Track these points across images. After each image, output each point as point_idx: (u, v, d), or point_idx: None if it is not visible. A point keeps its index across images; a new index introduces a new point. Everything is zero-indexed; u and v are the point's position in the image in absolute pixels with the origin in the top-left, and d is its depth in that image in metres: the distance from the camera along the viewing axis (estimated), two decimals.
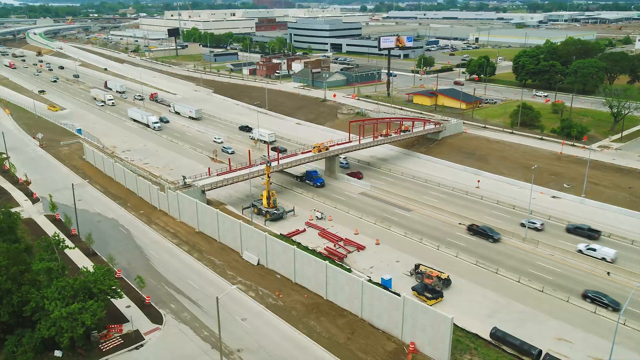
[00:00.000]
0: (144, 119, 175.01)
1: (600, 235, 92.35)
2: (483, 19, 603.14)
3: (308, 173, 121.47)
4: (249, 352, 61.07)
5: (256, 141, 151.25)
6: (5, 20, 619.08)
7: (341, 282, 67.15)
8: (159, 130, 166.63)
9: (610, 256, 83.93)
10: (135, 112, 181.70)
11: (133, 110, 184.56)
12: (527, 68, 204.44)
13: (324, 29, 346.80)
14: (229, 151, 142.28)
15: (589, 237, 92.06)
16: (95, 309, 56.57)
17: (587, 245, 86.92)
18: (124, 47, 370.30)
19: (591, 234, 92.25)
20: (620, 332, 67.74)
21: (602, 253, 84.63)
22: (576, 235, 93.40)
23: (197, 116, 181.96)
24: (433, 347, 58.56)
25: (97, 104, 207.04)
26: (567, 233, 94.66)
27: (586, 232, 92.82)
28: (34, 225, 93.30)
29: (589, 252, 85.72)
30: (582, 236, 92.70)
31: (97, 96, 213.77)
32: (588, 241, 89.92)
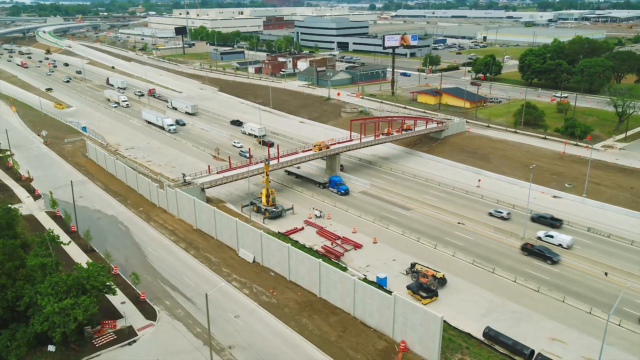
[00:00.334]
0: (158, 121, 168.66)
1: (562, 224, 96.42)
2: (492, 17, 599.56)
3: (332, 179, 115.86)
4: (240, 349, 61.40)
5: (259, 139, 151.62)
6: (17, 19, 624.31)
7: (334, 280, 67.30)
8: (174, 133, 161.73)
9: (566, 242, 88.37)
10: (150, 114, 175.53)
11: (147, 112, 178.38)
12: (533, 67, 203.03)
13: (330, 27, 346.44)
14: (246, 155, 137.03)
15: (552, 225, 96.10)
16: (87, 304, 57.13)
17: (546, 233, 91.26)
18: (131, 46, 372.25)
19: (553, 222, 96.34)
20: (615, 332, 67.63)
21: (559, 240, 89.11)
22: (540, 224, 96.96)
23: (193, 111, 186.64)
24: (423, 345, 58.56)
25: (111, 105, 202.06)
26: (532, 222, 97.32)
27: (549, 221, 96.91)
28: (35, 222, 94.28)
29: (547, 238, 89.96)
30: (545, 225, 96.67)
31: (111, 97, 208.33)
32: (551, 229, 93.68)
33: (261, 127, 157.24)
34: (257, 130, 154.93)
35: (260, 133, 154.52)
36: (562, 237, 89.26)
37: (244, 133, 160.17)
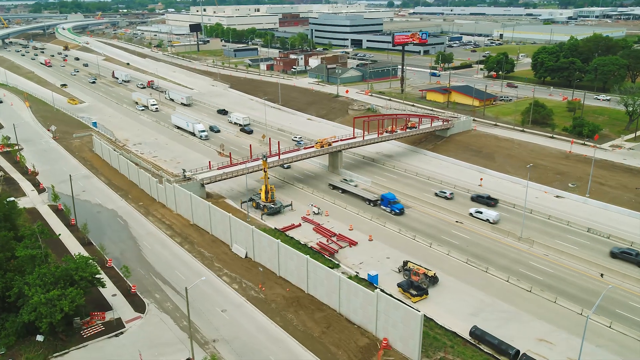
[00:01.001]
0: (189, 126, 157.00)
1: (497, 203, 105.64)
2: (511, 14, 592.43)
3: (384, 197, 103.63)
4: (223, 343, 62.07)
5: (264, 136, 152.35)
6: (38, 16, 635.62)
7: (320, 276, 67.59)
8: (205, 139, 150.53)
9: (492, 218, 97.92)
10: (180, 118, 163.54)
11: (177, 116, 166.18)
12: (546, 65, 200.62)
13: (344, 24, 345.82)
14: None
15: (487, 204, 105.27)
16: (74, 295, 58.26)
17: (476, 209, 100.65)
18: (147, 43, 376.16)
19: (489, 201, 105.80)
20: (605, 334, 66.90)
21: (486, 215, 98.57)
22: (478, 203, 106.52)
23: (188, 102, 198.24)
24: (404, 343, 58.54)
25: (138, 108, 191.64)
26: (471, 201, 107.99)
27: (485, 200, 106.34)
28: (37, 215, 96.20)
29: (477, 214, 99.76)
30: (482, 203, 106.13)
31: (140, 100, 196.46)
32: (487, 208, 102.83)
33: (245, 116, 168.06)
34: (242, 120, 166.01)
35: (245, 122, 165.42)
36: (489, 213, 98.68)
37: (230, 122, 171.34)
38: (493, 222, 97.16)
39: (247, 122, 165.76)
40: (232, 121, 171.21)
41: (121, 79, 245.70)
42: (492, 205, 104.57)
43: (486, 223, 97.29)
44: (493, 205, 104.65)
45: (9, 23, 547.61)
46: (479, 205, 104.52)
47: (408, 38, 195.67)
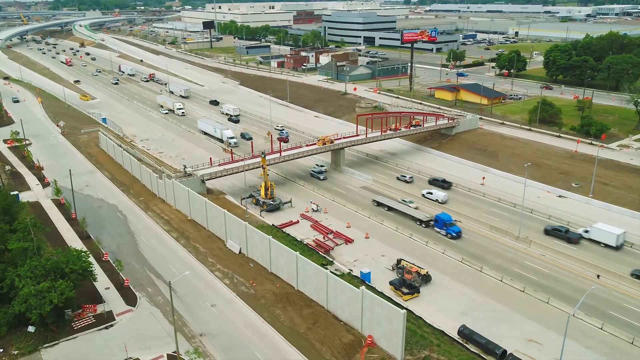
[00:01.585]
0: (217, 132, 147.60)
1: (451, 186, 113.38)
2: (529, 12, 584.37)
3: (439, 218, 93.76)
4: (210, 337, 62.75)
5: (269, 133, 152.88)
6: (57, 13, 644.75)
7: (309, 273, 67.87)
8: (235, 147, 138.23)
9: (441, 198, 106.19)
10: (207, 124, 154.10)
11: (203, 121, 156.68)
12: (558, 63, 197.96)
13: (357, 22, 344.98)
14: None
15: (442, 187, 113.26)
16: (63, 288, 59.38)
17: (428, 191, 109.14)
18: (162, 39, 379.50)
19: (444, 184, 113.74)
20: (595, 336, 66.22)
21: (435, 196, 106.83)
22: (434, 186, 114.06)
23: (186, 95, 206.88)
24: (388, 340, 58.59)
25: (161, 112, 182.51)
26: (428, 184, 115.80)
27: (440, 183, 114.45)
28: (39, 208, 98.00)
29: (428, 195, 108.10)
30: (437, 186, 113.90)
31: (165, 104, 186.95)
32: (440, 190, 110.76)
33: (235, 107, 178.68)
34: (232, 111, 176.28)
35: (235, 113, 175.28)
36: (438, 194, 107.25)
37: (222, 113, 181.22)
38: (442, 202, 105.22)
39: (237, 113, 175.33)
40: (223, 112, 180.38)
41: (127, 73, 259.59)
42: (446, 188, 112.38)
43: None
44: (447, 188, 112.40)
45: (29, 20, 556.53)
46: (435, 188, 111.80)
47: (417, 35, 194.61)
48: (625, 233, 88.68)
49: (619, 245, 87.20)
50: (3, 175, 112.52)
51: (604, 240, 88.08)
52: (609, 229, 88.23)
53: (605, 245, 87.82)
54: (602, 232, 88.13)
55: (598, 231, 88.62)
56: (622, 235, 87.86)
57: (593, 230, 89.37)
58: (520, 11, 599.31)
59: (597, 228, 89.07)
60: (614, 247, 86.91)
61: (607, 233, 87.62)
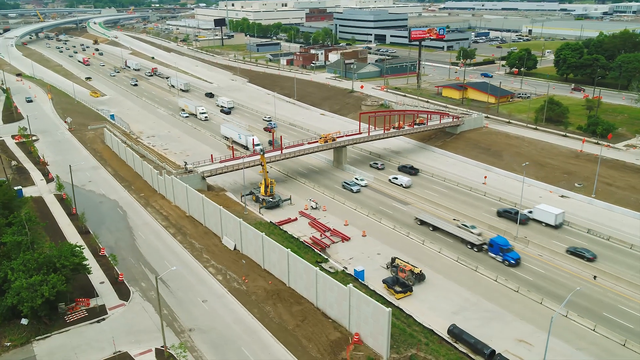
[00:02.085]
0: (241, 139, 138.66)
1: (417, 172, 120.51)
2: (544, 10, 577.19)
3: (494, 242, 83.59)
4: (199, 332, 63.31)
5: (273, 130, 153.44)
6: (74, 10, 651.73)
7: (300, 270, 68.09)
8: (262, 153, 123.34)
9: (404, 183, 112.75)
10: (230, 129, 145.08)
11: (227, 127, 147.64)
12: (569, 62, 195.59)
13: (368, 19, 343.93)
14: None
15: (410, 173, 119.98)
16: (55, 282, 60.30)
17: (394, 176, 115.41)
18: (174, 37, 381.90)
19: (411, 171, 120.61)
20: (587, 337, 65.70)
21: (400, 181, 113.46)
22: (402, 172, 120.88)
23: (186, 88, 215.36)
24: (374, 338, 58.64)
25: (182, 115, 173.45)
26: (397, 170, 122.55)
27: (408, 169, 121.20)
28: (41, 203, 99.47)
29: (394, 180, 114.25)
30: (406, 172, 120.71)
31: (186, 107, 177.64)
32: (406, 175, 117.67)
33: (229, 100, 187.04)
34: (226, 103, 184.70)
35: (229, 105, 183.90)
36: (403, 179, 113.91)
37: (217, 105, 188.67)
38: (405, 187, 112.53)
39: (230, 106, 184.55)
40: (218, 104, 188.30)
41: (132, 68, 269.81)
42: (413, 174, 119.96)
43: (485, 222, 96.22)
44: (414, 174, 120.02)
45: (45, 17, 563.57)
46: (401, 174, 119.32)
47: (425, 33, 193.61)
48: (564, 213, 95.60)
49: (558, 225, 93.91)
50: (9, 170, 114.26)
51: (544, 219, 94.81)
52: (549, 209, 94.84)
53: (546, 224, 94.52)
54: (543, 213, 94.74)
55: (540, 212, 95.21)
56: (561, 215, 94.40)
57: (535, 211, 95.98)
58: (535, 9, 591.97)
59: (539, 209, 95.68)
60: (553, 226, 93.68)
61: (547, 213, 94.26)
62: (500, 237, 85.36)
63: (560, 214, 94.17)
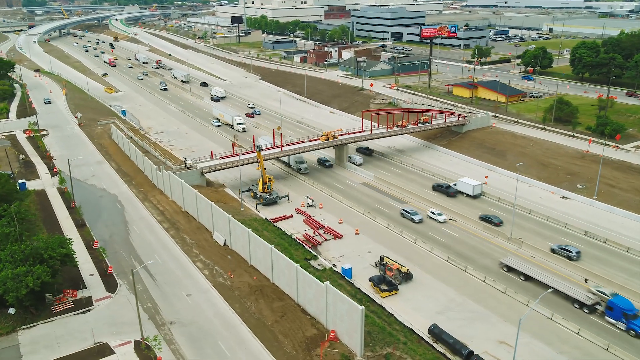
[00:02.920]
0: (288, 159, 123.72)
1: (372, 153, 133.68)
2: (569, 7, 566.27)
3: (614, 305, 66.72)
4: (179, 325, 64.22)
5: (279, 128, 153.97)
6: (98, 7, 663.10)
7: (282, 266, 68.50)
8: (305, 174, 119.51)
9: (357, 161, 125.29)
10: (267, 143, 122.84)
11: (264, 139, 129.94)
12: (585, 61, 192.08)
13: (385, 17, 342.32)
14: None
15: (365, 153, 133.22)
16: (40, 272, 61.82)
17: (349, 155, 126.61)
18: (192, 34, 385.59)
19: (367, 151, 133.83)
20: (570, 341, 64.74)
21: (353, 159, 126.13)
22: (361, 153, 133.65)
23: (186, 80, 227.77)
24: (350, 336, 58.75)
25: (214, 124, 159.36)
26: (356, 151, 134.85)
27: (364, 150, 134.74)
28: (43, 196, 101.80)
29: (349, 159, 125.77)
30: (362, 153, 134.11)
31: (222, 117, 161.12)
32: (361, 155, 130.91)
33: (222, 90, 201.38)
34: (219, 93, 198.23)
35: (220, 95, 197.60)
36: (355, 158, 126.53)
37: (211, 94, 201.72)
38: (358, 165, 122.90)
39: (222, 95, 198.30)
40: (212, 94, 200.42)
41: (141, 60, 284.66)
42: (368, 154, 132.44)
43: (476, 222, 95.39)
44: (369, 154, 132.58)
45: (70, 15, 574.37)
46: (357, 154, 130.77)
47: (436, 31, 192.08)
48: (482, 185, 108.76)
49: (476, 195, 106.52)
50: (16, 163, 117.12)
51: (465, 190, 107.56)
52: (468, 181, 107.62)
53: (467, 195, 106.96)
54: (464, 184, 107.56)
55: (461, 184, 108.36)
56: (479, 187, 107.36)
57: (458, 184, 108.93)
58: (560, 6, 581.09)
59: (461, 181, 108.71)
60: (472, 196, 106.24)
61: (466, 185, 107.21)
62: (620, 298, 68.08)
63: (478, 185, 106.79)
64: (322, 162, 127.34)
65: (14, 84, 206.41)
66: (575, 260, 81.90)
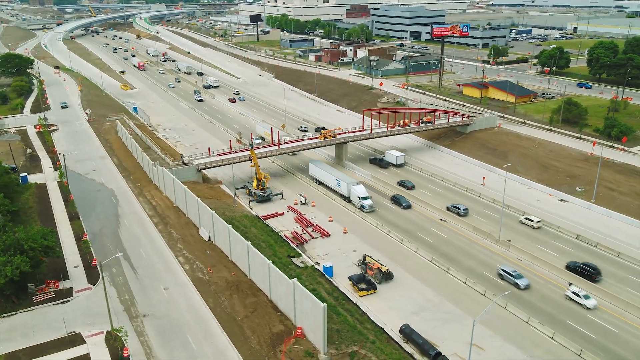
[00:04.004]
0: (340, 186, 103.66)
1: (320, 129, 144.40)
2: (598, 6, 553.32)
3: None
4: (152, 318, 65.44)
5: (283, 126, 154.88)
6: (126, 6, 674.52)
7: (257, 262, 69.14)
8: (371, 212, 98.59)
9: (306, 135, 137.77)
10: (323, 170, 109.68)
11: (318, 167, 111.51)
12: (602, 61, 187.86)
13: (403, 16, 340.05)
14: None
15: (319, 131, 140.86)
16: (19, 263, 63.77)
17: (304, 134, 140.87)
18: (213, 32, 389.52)
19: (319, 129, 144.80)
20: (543, 345, 64.11)
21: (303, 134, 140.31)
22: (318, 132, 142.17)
23: (188, 71, 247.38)
24: (314, 333, 59.06)
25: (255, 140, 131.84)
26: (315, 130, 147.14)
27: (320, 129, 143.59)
28: (43, 189, 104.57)
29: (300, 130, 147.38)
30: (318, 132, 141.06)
31: (267, 135, 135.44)
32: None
33: (215, 79, 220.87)
34: (213, 82, 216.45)
35: (215, 84, 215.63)
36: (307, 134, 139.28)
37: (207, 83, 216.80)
38: (303, 131, 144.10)
39: (216, 85, 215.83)
40: (204, 83, 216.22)
41: (152, 54, 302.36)
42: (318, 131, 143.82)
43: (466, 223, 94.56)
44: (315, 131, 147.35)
45: (98, 13, 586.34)
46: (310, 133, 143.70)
47: (447, 30, 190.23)
48: (404, 156, 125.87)
49: (399, 164, 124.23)
50: (22, 157, 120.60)
51: (391, 161, 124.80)
52: (393, 152, 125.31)
53: (393, 165, 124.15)
54: (390, 155, 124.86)
55: (388, 155, 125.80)
56: (402, 157, 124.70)
57: (386, 155, 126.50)
58: (589, 5, 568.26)
59: (388, 153, 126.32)
60: (396, 165, 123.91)
61: (391, 155, 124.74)
62: None
63: (401, 156, 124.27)
64: None
65: (32, 80, 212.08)
66: (463, 216, 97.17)
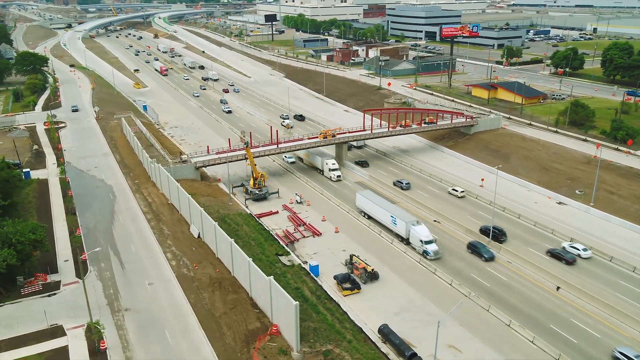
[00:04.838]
0: (397, 225, 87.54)
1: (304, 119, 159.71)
2: (622, 6, 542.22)
3: None
4: (134, 312, 66.46)
5: (287, 125, 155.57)
6: (147, 5, 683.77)
7: (240, 260, 69.70)
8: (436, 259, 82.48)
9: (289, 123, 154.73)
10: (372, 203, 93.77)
11: (367, 198, 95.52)
12: (616, 62, 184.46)
13: (419, 16, 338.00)
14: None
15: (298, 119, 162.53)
16: (5, 255, 65.38)
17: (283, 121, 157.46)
18: (229, 32, 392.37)
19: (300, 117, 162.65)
20: (523, 348, 63.28)
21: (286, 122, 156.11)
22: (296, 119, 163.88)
23: (192, 66, 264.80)
24: (288, 330, 59.35)
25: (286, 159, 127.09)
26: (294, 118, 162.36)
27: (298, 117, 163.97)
28: (45, 184, 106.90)
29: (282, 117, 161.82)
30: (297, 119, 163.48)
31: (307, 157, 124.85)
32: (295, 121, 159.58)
33: (215, 73, 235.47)
34: (212, 75, 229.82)
35: (215, 77, 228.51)
36: (288, 121, 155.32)
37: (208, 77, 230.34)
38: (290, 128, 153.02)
39: (216, 77, 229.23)
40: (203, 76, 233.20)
41: (162, 50, 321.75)
42: (301, 120, 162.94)
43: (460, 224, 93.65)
44: (302, 120, 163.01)
45: (120, 12, 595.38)
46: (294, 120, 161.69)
47: (457, 31, 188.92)
48: (364, 141, 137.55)
49: (360, 146, 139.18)
50: (28, 153, 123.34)
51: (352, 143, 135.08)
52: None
53: (354, 146, 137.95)
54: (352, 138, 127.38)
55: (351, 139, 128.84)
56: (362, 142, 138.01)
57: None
58: (612, 5, 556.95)
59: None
60: (357, 147, 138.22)
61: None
62: None
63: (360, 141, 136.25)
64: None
65: (47, 78, 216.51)
66: (406, 190, 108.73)
